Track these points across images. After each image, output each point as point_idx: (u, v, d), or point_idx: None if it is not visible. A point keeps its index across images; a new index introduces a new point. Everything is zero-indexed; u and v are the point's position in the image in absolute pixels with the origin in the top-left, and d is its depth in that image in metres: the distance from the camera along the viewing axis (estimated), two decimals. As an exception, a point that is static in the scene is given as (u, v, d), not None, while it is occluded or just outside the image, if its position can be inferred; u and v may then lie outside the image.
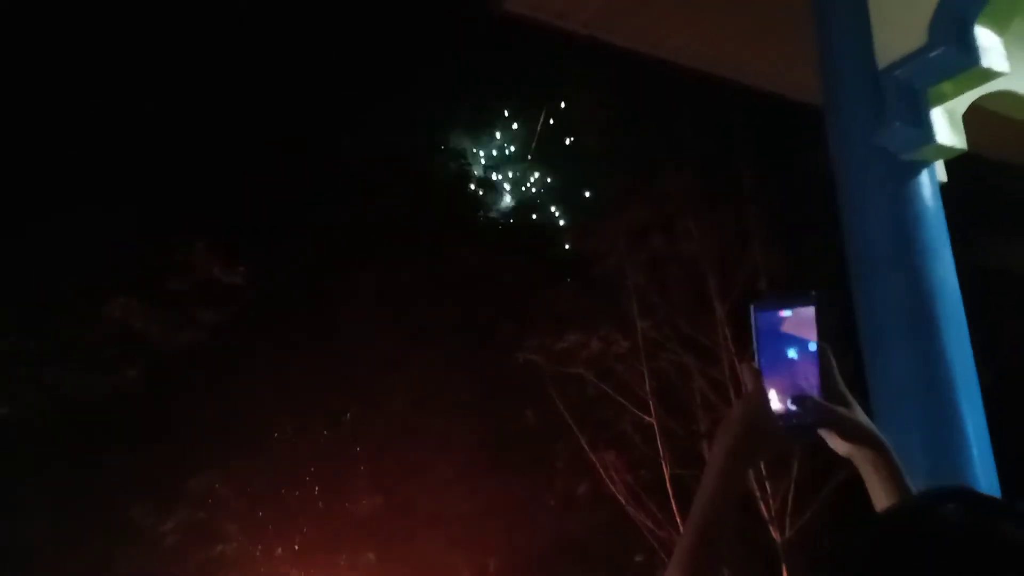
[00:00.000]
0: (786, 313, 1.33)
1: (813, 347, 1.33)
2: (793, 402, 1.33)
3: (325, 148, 14.25)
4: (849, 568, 0.90)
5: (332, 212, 13.95)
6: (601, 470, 11.31)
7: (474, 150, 16.67)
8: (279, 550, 13.73)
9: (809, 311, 1.33)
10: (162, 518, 12.65)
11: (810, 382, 1.33)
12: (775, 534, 10.32)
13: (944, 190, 3.53)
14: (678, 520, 10.88)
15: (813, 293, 1.34)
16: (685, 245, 11.45)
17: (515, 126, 16.43)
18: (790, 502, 10.28)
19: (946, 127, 3.42)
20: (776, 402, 1.32)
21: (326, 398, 13.88)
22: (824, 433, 1.35)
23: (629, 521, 11.86)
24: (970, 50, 3.23)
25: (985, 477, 3.23)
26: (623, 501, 11.04)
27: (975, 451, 3.22)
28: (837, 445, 1.36)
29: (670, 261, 11.65)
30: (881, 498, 1.32)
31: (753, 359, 1.34)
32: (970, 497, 0.93)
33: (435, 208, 15.30)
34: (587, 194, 13.92)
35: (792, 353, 1.33)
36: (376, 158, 14.31)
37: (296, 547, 13.89)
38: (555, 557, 13.76)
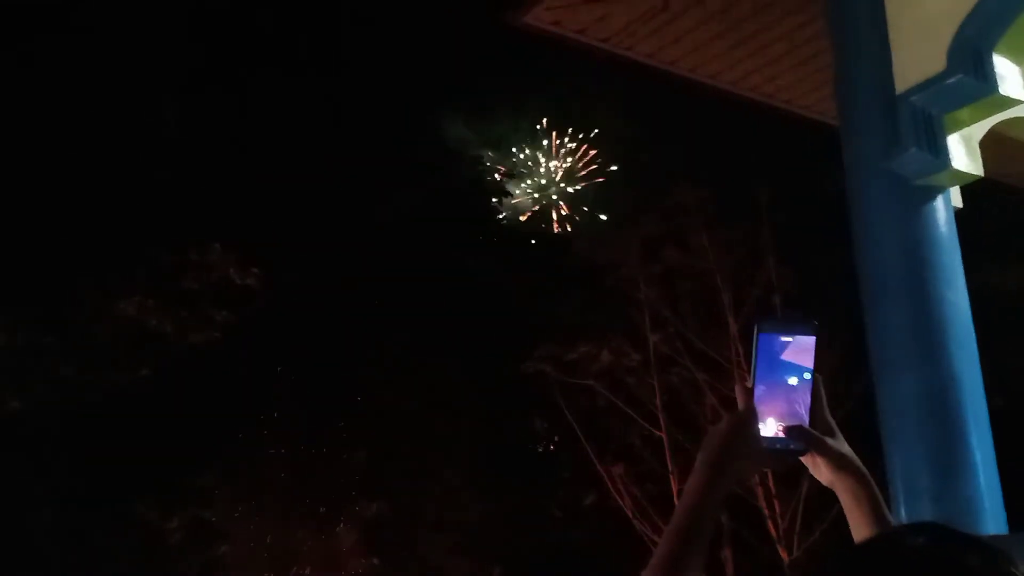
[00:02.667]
0: (787, 339, 1.35)
1: (808, 376, 1.35)
2: (784, 429, 1.35)
3: (340, 153, 14.31)
4: None
5: (345, 219, 14.00)
6: (609, 482, 11.29)
7: (488, 161, 16.72)
8: (283, 552, 13.75)
9: (810, 340, 1.35)
10: (167, 516, 12.70)
11: (800, 408, 1.35)
12: (783, 553, 10.28)
13: (959, 214, 3.53)
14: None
15: (816, 323, 1.35)
16: (699, 260, 11.44)
17: (530, 138, 16.47)
18: (798, 521, 10.25)
19: (962, 153, 3.42)
20: (765, 423, 1.34)
21: (336, 404, 13.91)
22: (808, 460, 1.37)
23: (635, 533, 11.84)
24: (988, 78, 3.24)
25: (990, 499, 3.23)
26: (630, 514, 11.01)
27: (981, 474, 3.22)
28: (821, 474, 1.38)
29: (683, 276, 11.65)
30: (860, 527, 1.34)
31: (748, 378, 1.36)
32: (941, 531, 0.96)
33: (449, 216, 15.35)
34: (602, 207, 13.95)
35: (787, 378, 1.35)
36: (391, 166, 14.38)
37: (301, 549, 13.91)
38: (560, 567, 13.75)
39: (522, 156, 16.49)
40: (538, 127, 16.50)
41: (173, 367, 12.03)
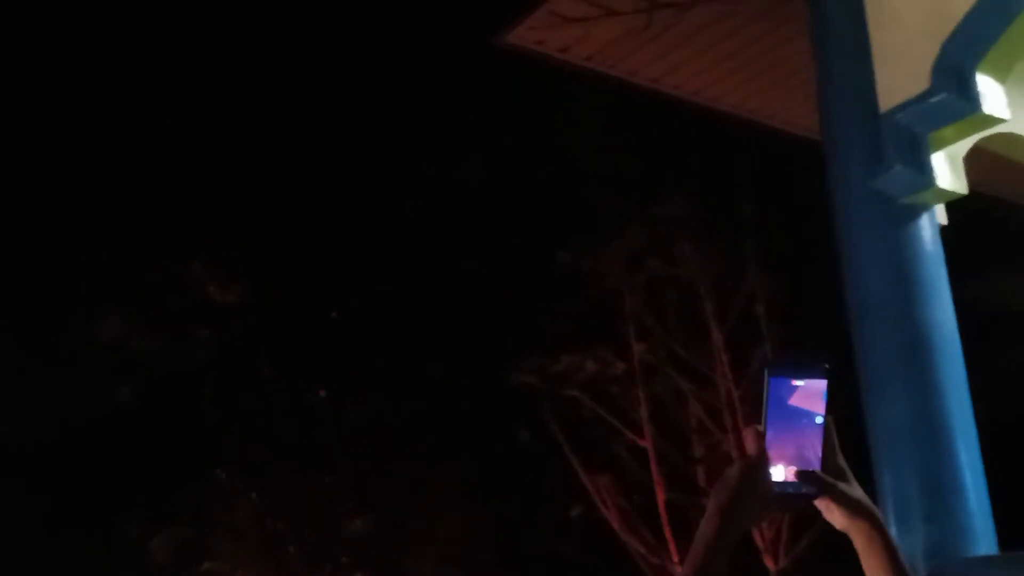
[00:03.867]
0: (798, 383, 1.36)
1: (819, 420, 1.36)
2: (796, 474, 1.36)
3: (318, 161, 14.27)
4: None
5: (325, 231, 13.94)
6: (594, 494, 11.28)
7: (473, 172, 16.70)
8: (268, 570, 13.67)
9: (820, 384, 1.36)
10: (151, 534, 12.62)
11: (812, 453, 1.36)
12: (769, 563, 10.30)
13: (943, 230, 3.54)
14: (672, 547, 10.86)
15: (827, 366, 1.37)
16: (682, 270, 11.48)
17: (513, 149, 16.45)
18: (784, 531, 10.28)
19: (947, 171, 3.44)
20: (776, 468, 1.36)
21: (318, 416, 13.85)
22: (822, 505, 1.38)
23: (621, 545, 11.84)
24: (971, 97, 3.25)
25: (981, 521, 3.24)
26: (615, 526, 11.01)
27: (971, 493, 3.24)
28: (834, 518, 1.40)
29: (668, 285, 11.68)
30: (875, 570, 1.37)
31: (758, 422, 1.37)
32: None
33: (432, 225, 15.30)
34: (586, 218, 13.96)
35: (798, 423, 1.37)
36: (372, 177, 14.35)
37: (285, 566, 13.83)
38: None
39: (504, 167, 16.44)
40: (520, 140, 16.45)
41: (156, 386, 11.98)
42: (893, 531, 3.39)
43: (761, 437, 1.36)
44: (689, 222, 11.59)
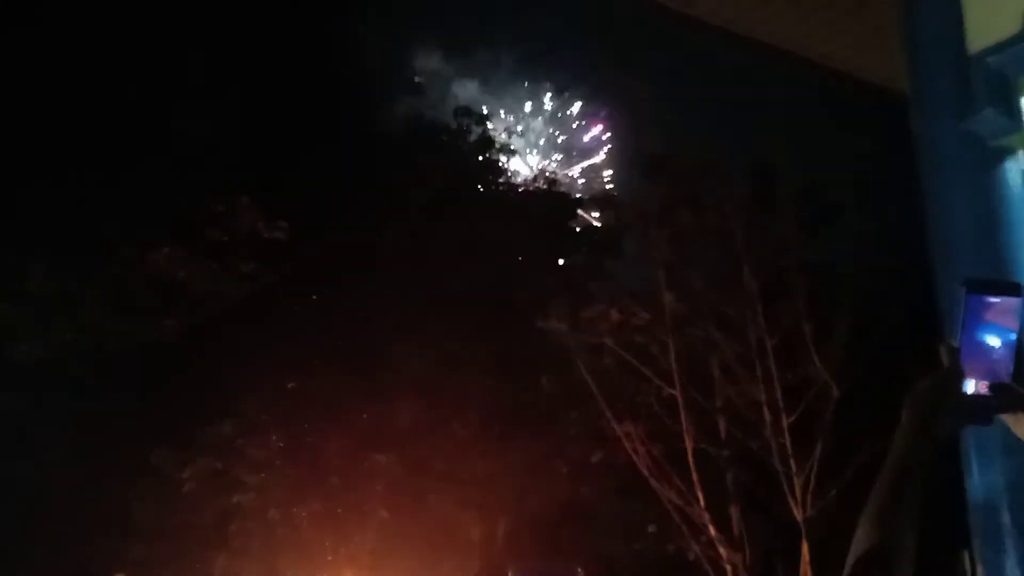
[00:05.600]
0: (993, 300, 1.42)
1: (1012, 336, 1.42)
2: (988, 387, 1.41)
3: (357, 115, 14.24)
4: None
5: (362, 177, 13.95)
6: (624, 439, 11.38)
7: (505, 118, 16.64)
8: (294, 505, 13.87)
9: (1015, 301, 1.42)
10: (183, 466, 12.79)
11: (1003, 368, 1.42)
12: (797, 512, 10.42)
13: None
14: (699, 493, 10.99)
15: (1022, 285, 1.42)
16: (715, 219, 11.46)
17: (544, 95, 16.36)
18: (812, 480, 10.38)
19: (1036, 116, 3.45)
20: (968, 382, 1.42)
21: (349, 357, 13.96)
22: (1010, 419, 1.44)
23: (642, 490, 11.96)
24: (1067, 40, 3.26)
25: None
26: (646, 471, 11.13)
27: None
28: (1022, 431, 1.44)
29: (700, 235, 11.68)
30: None
31: (952, 338, 1.43)
32: None
33: (463, 174, 15.30)
34: (621, 164, 13.93)
35: (990, 339, 1.42)
36: (408, 125, 14.32)
37: (311, 502, 14.04)
38: (565, 521, 13.93)
39: (536, 114, 16.37)
40: (550, 83, 16.34)
41: (200, 318, 12.10)
42: (977, 468, 3.47)
43: (955, 351, 1.42)
44: (723, 172, 11.55)
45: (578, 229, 16.34)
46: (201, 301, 12.35)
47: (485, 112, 17.05)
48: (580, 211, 16.91)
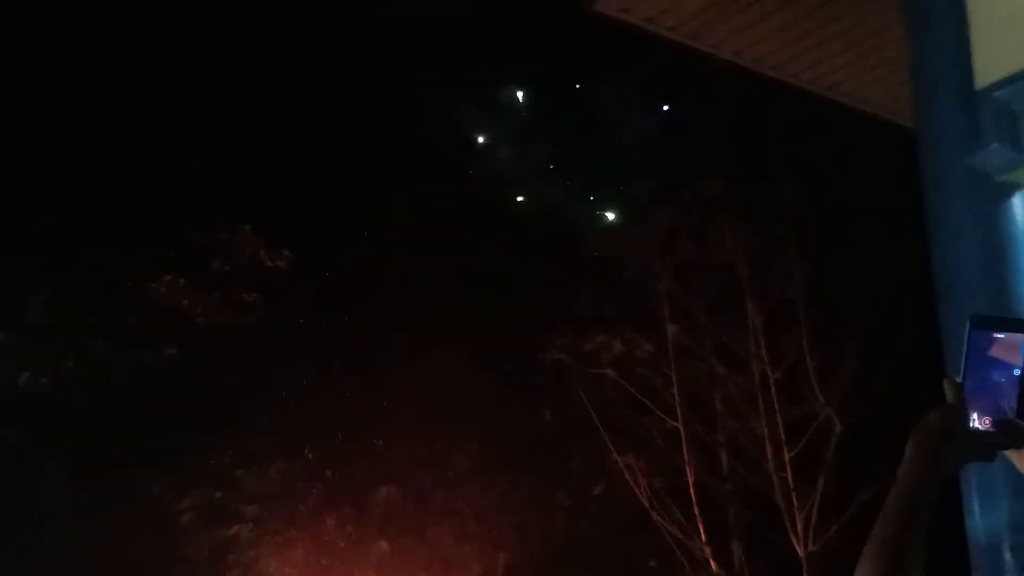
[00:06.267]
0: (998, 335, 1.42)
1: (1016, 372, 1.42)
2: (994, 424, 1.41)
3: (358, 137, 14.27)
4: None
5: (361, 206, 13.96)
6: (626, 472, 11.31)
7: (507, 145, 16.67)
8: (292, 537, 13.78)
9: (1020, 337, 1.43)
10: (180, 496, 12.73)
11: (1007, 403, 1.43)
12: (799, 547, 10.33)
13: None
14: (700, 527, 10.90)
15: None
16: (720, 251, 11.45)
17: (549, 120, 16.39)
18: (814, 515, 10.30)
19: (1044, 151, 3.41)
20: (972, 417, 1.41)
21: (349, 388, 13.91)
22: (1014, 455, 1.44)
23: (644, 525, 11.87)
24: (1075, 75, 3.23)
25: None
26: (646, 504, 11.05)
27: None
28: None
29: (704, 267, 11.67)
30: None
31: (956, 374, 1.43)
32: None
33: (465, 202, 15.29)
34: (621, 194, 13.96)
35: (996, 374, 1.42)
36: (413, 149, 14.34)
37: (309, 531, 13.94)
38: (568, 555, 13.80)
39: (538, 139, 16.39)
40: (554, 110, 16.38)
41: (200, 348, 12.09)
42: (979, 507, 3.41)
43: (959, 387, 1.41)
44: (728, 202, 11.55)
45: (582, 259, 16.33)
46: (202, 331, 12.33)
47: (484, 138, 17.06)
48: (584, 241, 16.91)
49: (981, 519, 3.25)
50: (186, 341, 12.12)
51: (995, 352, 1.39)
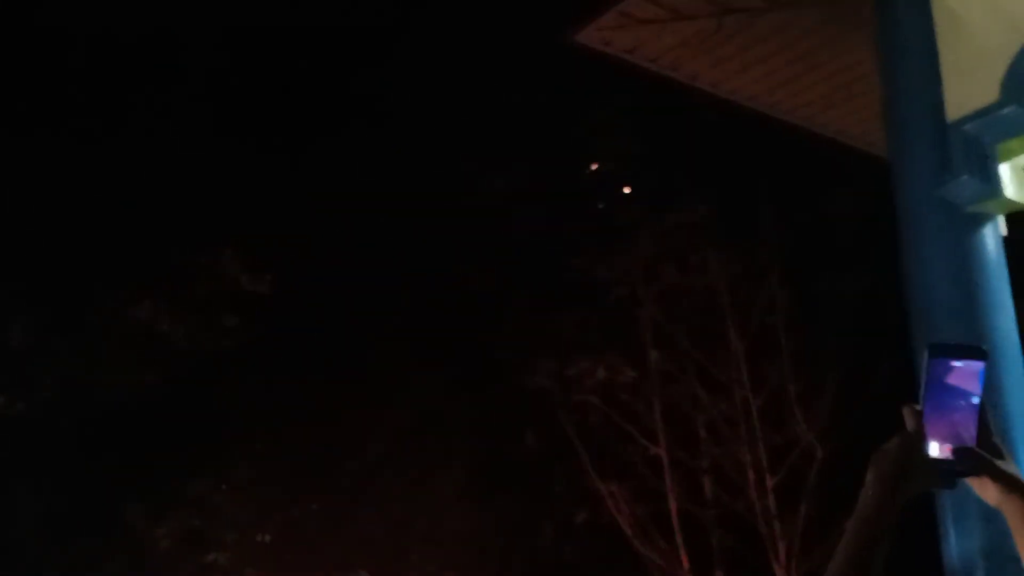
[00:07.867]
0: (956, 364, 1.43)
1: (975, 400, 1.42)
2: (952, 451, 1.42)
3: (339, 163, 14.28)
4: None
5: (345, 229, 13.95)
6: (608, 500, 11.29)
7: (490, 173, 16.73)
8: (273, 564, 13.67)
9: (978, 365, 1.43)
10: (158, 523, 12.62)
11: (967, 431, 1.42)
12: (781, 574, 10.32)
13: (1006, 243, 3.60)
14: (683, 555, 10.89)
15: (985, 349, 1.42)
16: (702, 278, 11.51)
17: (531, 149, 16.46)
18: (797, 542, 10.30)
19: (1013, 182, 3.49)
20: (932, 445, 1.42)
21: (330, 413, 13.85)
22: (975, 482, 1.44)
23: (626, 552, 11.84)
24: (1043, 109, 3.30)
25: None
26: (629, 532, 11.02)
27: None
28: (988, 495, 1.46)
29: (686, 293, 11.72)
30: None
31: (915, 401, 1.44)
32: None
33: (446, 227, 15.30)
34: (604, 221, 14.01)
35: (954, 402, 1.43)
36: (393, 176, 14.36)
37: (291, 560, 13.84)
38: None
39: (522, 169, 16.46)
40: (538, 140, 16.46)
41: (180, 373, 12.02)
42: (951, 532, 3.44)
43: (919, 414, 1.42)
44: (710, 229, 11.64)
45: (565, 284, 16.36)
46: (182, 355, 12.28)
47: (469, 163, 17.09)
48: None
49: (956, 545, 3.29)
50: (166, 366, 12.07)
51: (953, 380, 1.40)
